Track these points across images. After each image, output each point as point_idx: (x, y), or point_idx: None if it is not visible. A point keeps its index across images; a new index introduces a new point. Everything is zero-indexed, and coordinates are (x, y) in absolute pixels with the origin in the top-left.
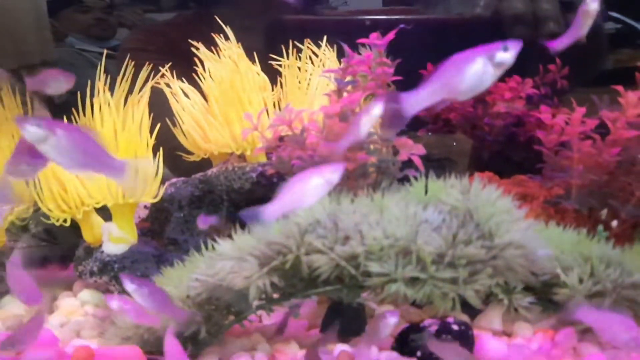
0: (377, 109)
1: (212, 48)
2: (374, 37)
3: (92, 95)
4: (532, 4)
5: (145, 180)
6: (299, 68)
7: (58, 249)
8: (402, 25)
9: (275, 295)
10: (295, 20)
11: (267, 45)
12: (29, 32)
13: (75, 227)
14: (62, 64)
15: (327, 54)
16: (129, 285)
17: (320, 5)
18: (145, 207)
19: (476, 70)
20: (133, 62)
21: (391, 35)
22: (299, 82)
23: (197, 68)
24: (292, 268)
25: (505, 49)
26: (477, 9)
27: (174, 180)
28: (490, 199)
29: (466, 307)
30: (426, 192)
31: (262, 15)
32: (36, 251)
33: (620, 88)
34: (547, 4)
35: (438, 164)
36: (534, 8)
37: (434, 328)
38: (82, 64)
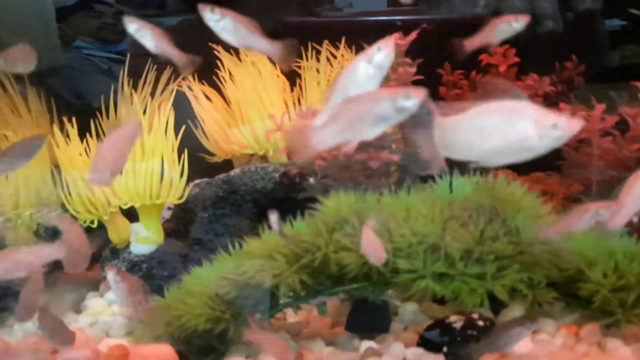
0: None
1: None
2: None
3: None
4: (531, 2)
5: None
6: (318, 70)
7: None
8: (424, 25)
9: (302, 293)
10: (301, 22)
11: None
12: (36, 38)
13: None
14: (70, 70)
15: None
16: None
17: (326, 7)
18: (168, 208)
19: None
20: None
21: (413, 35)
22: (318, 84)
23: (200, 71)
24: (321, 265)
25: None
26: (477, 8)
27: (197, 181)
28: (515, 196)
29: (490, 302)
30: (451, 190)
31: (270, 18)
32: None
33: (639, 84)
34: (546, 2)
35: (447, 162)
36: (533, 6)
37: (459, 324)
38: (90, 69)
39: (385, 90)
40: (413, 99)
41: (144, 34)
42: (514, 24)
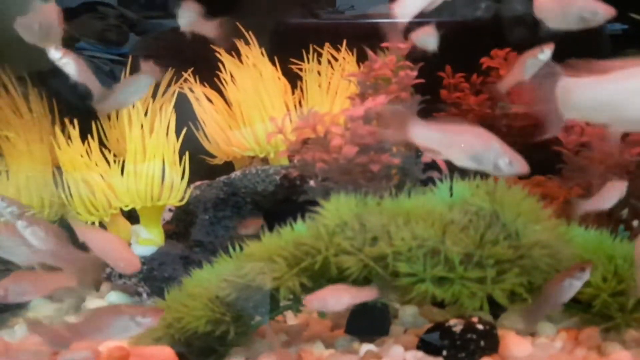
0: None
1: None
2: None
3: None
4: (532, 5)
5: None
6: (319, 72)
7: None
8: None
9: (303, 296)
10: (302, 24)
11: (275, 49)
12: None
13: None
14: None
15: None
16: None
17: (327, 9)
18: (169, 210)
19: None
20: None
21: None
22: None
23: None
24: (321, 269)
25: None
26: (479, 11)
27: (198, 183)
28: (515, 200)
29: (490, 306)
30: (451, 194)
31: (269, 20)
32: None
33: None
34: None
35: (447, 166)
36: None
37: (458, 328)
38: (92, 70)
39: (497, 140)
40: (513, 167)
41: (67, 62)
42: (540, 55)
